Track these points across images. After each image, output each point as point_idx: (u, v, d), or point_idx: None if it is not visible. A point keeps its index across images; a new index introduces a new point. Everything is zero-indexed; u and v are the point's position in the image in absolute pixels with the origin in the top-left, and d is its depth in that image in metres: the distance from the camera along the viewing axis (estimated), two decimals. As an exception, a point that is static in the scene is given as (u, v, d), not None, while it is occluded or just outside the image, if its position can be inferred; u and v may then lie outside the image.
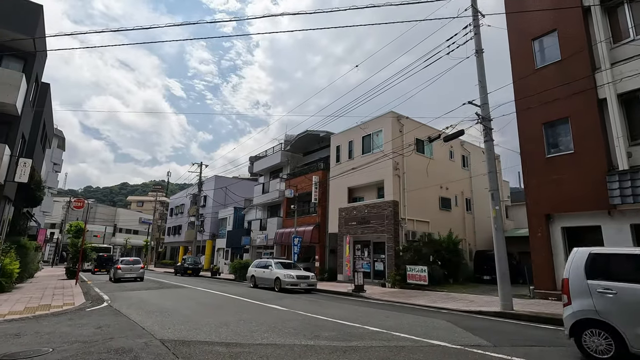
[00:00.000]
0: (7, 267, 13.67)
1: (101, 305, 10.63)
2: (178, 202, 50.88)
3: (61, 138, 44.13)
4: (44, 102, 20.22)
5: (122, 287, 16.40)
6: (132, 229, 71.76)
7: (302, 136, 26.59)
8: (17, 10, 13.87)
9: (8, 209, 15.84)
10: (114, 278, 20.44)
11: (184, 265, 28.57)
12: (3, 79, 13.01)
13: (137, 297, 12.72)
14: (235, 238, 33.11)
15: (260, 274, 16.99)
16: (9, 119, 14.05)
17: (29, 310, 9.67)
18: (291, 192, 20.93)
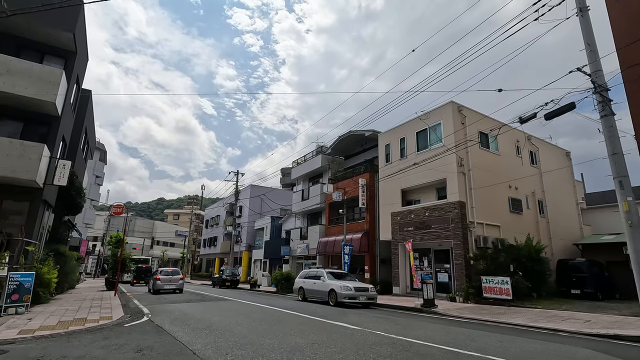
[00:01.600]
0: (45, 277, 12.71)
1: (141, 320, 9.19)
2: (213, 213, 50.52)
3: (103, 152, 45.28)
4: (85, 108, 19.93)
5: (161, 299, 15.12)
6: (169, 242, 72.68)
7: (344, 137, 24.89)
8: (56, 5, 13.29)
9: (48, 215, 15.15)
10: (153, 289, 19.39)
11: (222, 277, 27.32)
12: (43, 75, 12.33)
13: (179, 310, 11.26)
14: (274, 248, 31.63)
15: (310, 286, 15.15)
16: (48, 119, 13.38)
17: (62, 325, 8.37)
18: (339, 195, 19.13)
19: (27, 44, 13.51)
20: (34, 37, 13.51)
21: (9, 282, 9.79)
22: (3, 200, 12.41)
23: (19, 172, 11.35)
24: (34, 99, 12.20)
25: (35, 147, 11.81)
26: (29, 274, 10.53)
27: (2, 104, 12.53)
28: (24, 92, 11.99)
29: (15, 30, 13.12)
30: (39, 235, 13.66)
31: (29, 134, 12.94)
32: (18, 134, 12.80)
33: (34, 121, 13.18)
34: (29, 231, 12.11)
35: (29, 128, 13.10)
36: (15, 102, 12.44)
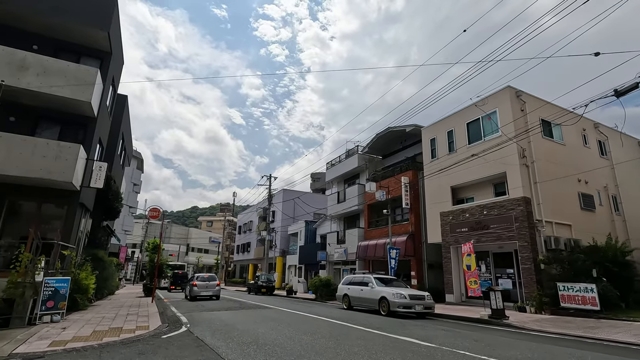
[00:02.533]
0: (83, 282, 12.26)
1: (179, 331, 8.28)
2: (246, 219, 50.37)
3: (140, 160, 46.39)
4: (122, 114, 19.89)
5: (199, 307, 14.35)
6: (203, 248, 73.69)
7: (382, 135, 23.47)
8: (90, 4, 13.06)
9: (86, 219, 14.88)
10: (190, 296, 18.82)
11: (258, 283, 26.53)
12: (78, 75, 12.01)
13: (218, 319, 10.33)
14: (309, 253, 30.54)
15: (357, 293, 13.82)
16: (85, 120, 13.08)
17: (96, 336, 7.60)
18: (382, 194, 17.72)
19: (64, 45, 13.34)
20: (70, 39, 13.33)
21: (44, 288, 9.25)
22: (41, 204, 12.14)
23: (55, 174, 10.95)
24: (70, 99, 11.88)
25: (71, 147, 11.42)
26: (65, 279, 9.98)
27: (40, 106, 12.33)
28: (60, 92, 11.67)
29: (53, 32, 12.97)
30: (76, 240, 13.32)
31: (66, 135, 12.65)
32: (55, 135, 12.55)
33: (71, 123, 12.90)
34: (66, 235, 11.70)
35: (66, 130, 12.84)
36: (53, 103, 12.19)
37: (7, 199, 11.40)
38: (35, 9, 12.19)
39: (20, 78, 11.09)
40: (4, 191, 11.22)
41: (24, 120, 12.12)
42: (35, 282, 9.20)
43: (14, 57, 11.25)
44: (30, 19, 12.41)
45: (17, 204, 11.83)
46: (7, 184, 11.17)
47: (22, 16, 12.30)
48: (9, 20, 12.38)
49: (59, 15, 12.46)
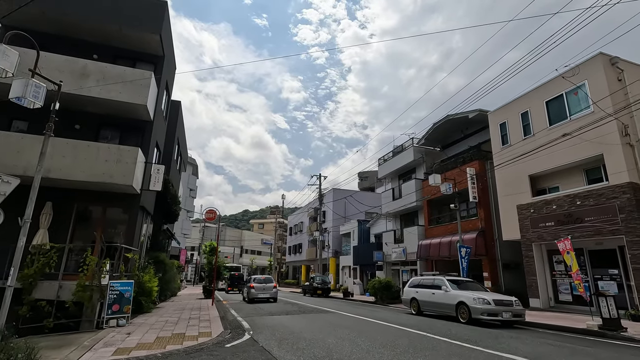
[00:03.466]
0: (146, 285, 12.32)
1: (242, 339, 7.63)
2: (296, 220, 50.36)
3: (194, 166, 48.38)
4: (176, 120, 20.31)
5: (258, 310, 13.87)
6: (256, 250, 75.41)
7: (440, 125, 21.63)
8: (142, 9, 13.17)
9: (147, 223, 15.14)
10: (248, 298, 18.59)
11: (313, 284, 25.88)
12: (134, 79, 12.09)
13: (281, 325, 9.62)
14: (364, 254, 29.33)
15: (427, 297, 12.43)
16: (142, 124, 13.22)
17: (159, 343, 7.18)
18: (449, 188, 16.05)
19: (121, 52, 13.63)
20: (126, 45, 13.58)
21: (109, 292, 9.17)
22: (106, 208, 12.38)
23: (117, 177, 11.02)
24: (127, 103, 11.98)
25: (130, 151, 11.46)
26: (129, 282, 9.89)
27: (101, 113, 12.62)
28: (118, 97, 11.81)
29: (110, 40, 13.30)
30: (139, 243, 13.49)
31: (125, 140, 12.85)
32: (116, 140, 12.80)
33: (129, 127, 13.09)
34: (129, 238, 11.78)
35: (125, 134, 13.05)
36: (112, 109, 12.40)
37: (76, 204, 11.73)
38: (94, 18, 12.50)
39: (82, 85, 11.33)
40: (73, 196, 11.54)
41: (87, 127, 12.47)
42: (101, 285, 9.17)
43: (76, 65, 11.55)
44: (89, 28, 12.78)
45: (85, 209, 12.14)
46: (75, 190, 11.47)
47: (82, 26, 12.70)
48: (71, 32, 12.86)
49: (115, 22, 12.67)
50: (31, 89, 6.36)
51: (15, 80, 6.38)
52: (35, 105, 6.52)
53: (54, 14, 12.13)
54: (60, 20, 12.37)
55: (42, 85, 6.60)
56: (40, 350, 6.03)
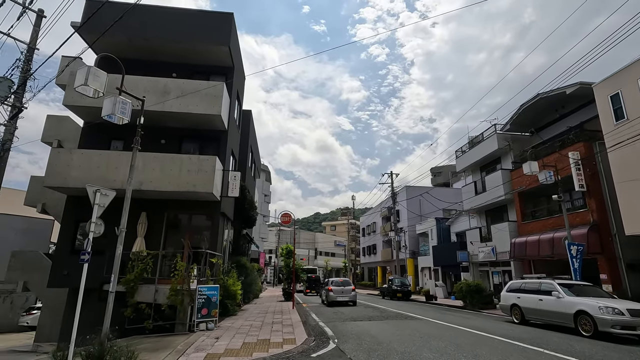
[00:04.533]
0: (231, 288, 12.72)
1: (328, 349, 7.19)
2: (369, 220, 49.37)
3: (267, 172, 50.49)
4: (248, 128, 21.07)
5: (339, 315, 13.43)
6: (330, 252, 75.99)
7: (530, 105, 18.97)
8: (210, 24, 13.75)
9: (228, 228, 15.77)
10: (327, 301, 18.35)
11: (392, 287, 24.76)
12: (208, 91, 12.64)
13: (366, 333, 8.99)
14: (445, 254, 27.26)
15: (533, 304, 10.71)
16: (217, 134, 13.79)
17: (246, 350, 7.08)
18: (549, 176, 13.80)
19: (196, 68, 14.43)
20: (199, 61, 14.33)
21: (198, 296, 9.51)
22: (191, 216, 13.12)
23: (199, 186, 11.54)
24: (204, 114, 12.55)
25: (209, 160, 11.95)
26: (215, 287, 10.19)
27: (182, 127, 13.43)
28: (195, 110, 12.44)
29: (186, 58, 14.15)
30: (222, 248, 14.04)
31: (203, 150, 13.51)
32: (196, 151, 13.51)
33: (207, 138, 13.74)
34: (213, 244, 12.26)
35: (203, 144, 13.72)
36: (190, 122, 13.11)
37: (166, 213, 12.59)
38: (170, 40, 13.40)
39: (164, 102, 12.15)
40: (163, 206, 12.41)
41: (171, 141, 13.37)
42: (190, 289, 9.55)
43: (158, 84, 12.45)
44: (167, 50, 13.75)
45: (174, 217, 12.99)
46: (165, 200, 12.32)
47: (161, 49, 13.71)
48: (152, 55, 13.96)
49: (188, 40, 13.43)
50: (119, 106, 6.74)
51: (105, 100, 6.83)
52: (124, 121, 6.91)
53: (138, 41, 13.26)
54: (143, 45, 13.49)
55: (128, 101, 6.99)
56: (140, 353, 6.29)
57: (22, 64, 10.26)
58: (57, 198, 13.07)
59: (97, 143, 12.72)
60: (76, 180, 11.00)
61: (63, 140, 14.19)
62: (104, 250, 10.14)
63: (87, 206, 6.81)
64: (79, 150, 11.86)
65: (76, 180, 11.02)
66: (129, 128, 10.27)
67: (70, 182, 11.12)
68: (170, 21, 13.63)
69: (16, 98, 9.95)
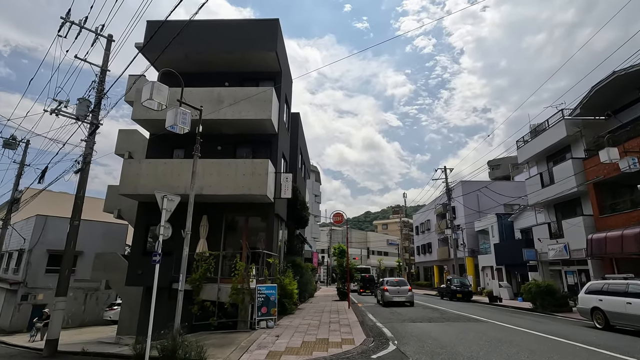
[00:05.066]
0: (288, 287, 13.02)
1: (388, 350, 7.02)
2: (422, 218, 47.72)
3: (317, 173, 51.06)
4: (297, 130, 21.44)
5: (397, 315, 13.10)
6: (383, 251, 74.77)
7: (605, 85, 16.92)
8: (257, 31, 14.20)
9: (282, 229, 16.16)
10: (383, 301, 18.05)
11: (451, 287, 23.65)
12: (258, 96, 13.06)
13: (427, 335, 8.65)
14: (509, 252, 25.40)
15: (619, 307, 9.54)
16: (269, 138, 14.18)
17: (306, 349, 7.17)
18: (633, 163, 12.14)
19: (246, 76, 15.00)
20: (249, 69, 14.86)
21: (257, 295, 9.84)
22: (248, 218, 13.64)
23: (254, 189, 11.96)
24: (255, 119, 12.99)
25: (262, 163, 12.34)
26: (272, 286, 10.49)
27: (235, 132, 14.02)
28: (247, 116, 12.92)
29: (237, 67, 14.75)
30: (277, 248, 14.42)
31: (256, 153, 13.98)
32: (250, 155, 14.02)
33: (259, 142, 14.20)
34: (268, 244, 12.62)
35: (256, 148, 14.20)
36: (243, 127, 13.64)
37: (225, 215, 13.24)
38: (221, 52, 14.08)
39: (219, 110, 12.79)
40: (222, 209, 13.05)
41: (226, 147, 14.01)
42: (250, 288, 9.93)
43: (212, 94, 13.13)
44: (219, 61, 14.44)
45: (232, 219, 13.61)
46: (223, 203, 12.93)
47: (214, 61, 14.45)
48: (206, 67, 14.76)
49: (238, 50, 13.99)
50: (180, 117, 7.20)
51: (168, 112, 7.33)
52: (185, 130, 7.36)
53: (193, 55, 14.11)
54: (198, 59, 14.32)
55: (187, 112, 7.44)
56: (208, 349, 6.65)
57: (97, 85, 11.44)
58: (130, 204, 14.37)
59: (162, 152, 13.77)
60: (145, 188, 12.00)
61: (133, 152, 15.57)
62: (172, 251, 10.93)
63: (155, 212, 7.39)
64: (146, 160, 12.92)
65: (145, 187, 12.01)
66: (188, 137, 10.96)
67: (140, 189, 12.15)
68: (220, 34, 14.32)
69: (93, 116, 11.11)
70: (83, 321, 21.89)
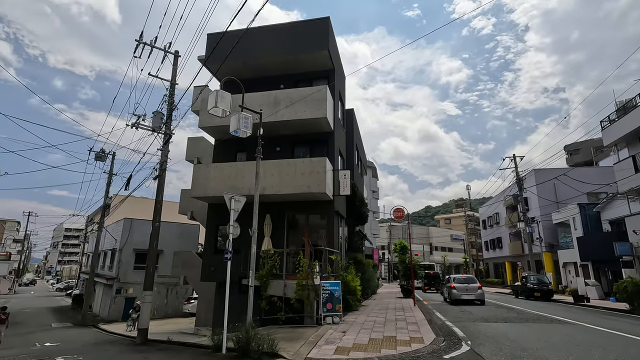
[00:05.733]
0: (351, 284, 13.02)
1: (461, 351, 6.67)
2: (490, 211, 44.62)
3: (373, 169, 50.38)
4: (352, 126, 21.32)
5: (467, 314, 12.41)
6: (446, 247, 71.44)
7: None
8: (309, 31, 14.37)
9: (342, 226, 16.22)
10: (450, 299, 17.23)
11: (527, 285, 21.76)
12: (313, 95, 13.23)
13: (503, 336, 8.06)
14: (596, 246, 22.66)
15: None
16: (325, 136, 14.31)
17: (373, 346, 7.12)
18: None
19: (300, 77, 15.29)
20: (302, 69, 15.11)
21: (322, 291, 10.00)
22: (308, 216, 13.92)
23: (313, 187, 12.17)
24: (311, 119, 13.19)
25: (319, 161, 12.50)
26: (336, 282, 10.58)
27: (292, 133, 14.37)
28: (303, 116, 13.17)
29: (292, 69, 15.10)
30: (338, 245, 14.51)
31: (313, 152, 14.19)
32: (307, 154, 14.28)
33: (315, 141, 14.40)
34: (330, 241, 12.75)
35: (313, 147, 14.42)
36: (300, 127, 13.93)
37: (286, 214, 13.66)
38: (276, 56, 14.52)
39: (276, 113, 13.21)
40: (283, 208, 13.49)
41: (285, 147, 14.43)
42: (314, 285, 10.12)
43: (269, 97, 13.61)
44: (274, 66, 14.91)
45: (293, 218, 13.99)
46: (284, 202, 13.37)
47: (269, 66, 14.96)
48: (262, 72, 15.33)
49: (291, 52, 14.32)
50: (242, 121, 7.57)
51: (231, 117, 7.75)
52: (247, 134, 7.73)
53: (250, 62, 14.74)
54: (255, 65, 14.93)
55: (249, 116, 7.80)
56: (278, 342, 6.92)
57: (167, 98, 12.53)
58: (201, 206, 15.51)
59: (226, 156, 14.64)
60: (214, 190, 12.85)
61: (201, 157, 16.77)
62: (239, 249, 11.58)
63: (223, 212, 7.88)
64: (213, 165, 13.83)
65: (213, 189, 12.87)
66: (249, 140, 11.51)
67: (209, 191, 13.05)
68: (274, 38, 14.77)
69: (166, 127, 12.18)
70: (166, 313, 24.20)
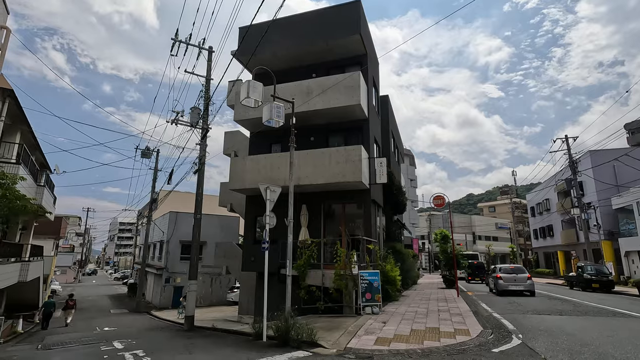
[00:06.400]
0: (390, 274, 12.75)
1: (511, 344, 6.25)
2: (538, 198, 41.82)
3: (411, 157, 49.01)
4: (387, 113, 20.71)
5: (516, 306, 11.69)
6: (491, 236, 68.23)
7: None
8: (340, 15, 13.98)
9: (380, 215, 15.88)
10: (497, 290, 16.38)
11: (584, 276, 20.16)
12: (346, 83, 12.92)
13: (559, 330, 7.45)
14: (666, 234, 20.42)
15: None
16: (359, 123, 13.96)
17: (415, 337, 6.88)
18: None
19: (332, 64, 14.98)
20: (334, 57, 14.79)
21: (360, 281, 9.85)
22: (345, 205, 13.75)
23: (348, 176, 11.95)
24: (344, 106, 12.90)
25: (354, 149, 12.23)
26: (375, 272, 10.37)
27: (325, 122, 14.18)
28: (336, 104, 12.91)
29: (323, 57, 14.83)
30: (376, 235, 14.23)
31: (348, 140, 13.90)
32: (342, 142, 14.04)
33: (349, 129, 14.10)
34: (367, 231, 12.50)
35: (347, 135, 14.12)
36: (334, 116, 13.69)
37: (322, 204, 13.58)
38: (306, 44, 14.32)
39: (309, 102, 13.07)
40: (319, 198, 13.41)
41: (319, 137, 14.28)
42: (353, 274, 9.98)
43: (302, 87, 13.48)
44: (306, 54, 14.71)
45: (329, 207, 13.89)
46: (320, 192, 13.27)
47: (300, 55, 14.79)
48: (293, 62, 15.20)
49: (322, 39, 14.03)
50: (275, 111, 7.52)
51: (264, 107, 7.72)
52: (279, 124, 7.67)
53: (281, 52, 14.67)
54: (285, 55, 14.84)
55: (281, 105, 7.73)
56: (317, 331, 6.88)
57: (203, 94, 12.82)
58: (240, 198, 15.85)
59: (261, 149, 14.78)
60: (250, 182, 13.04)
61: (237, 151, 17.12)
62: (277, 239, 11.68)
63: (260, 204, 7.92)
64: (249, 157, 14.03)
65: (250, 181, 13.06)
66: (283, 131, 11.47)
67: (247, 183, 13.26)
68: (304, 27, 14.56)
69: (203, 121, 12.49)
70: (211, 302, 25.33)
